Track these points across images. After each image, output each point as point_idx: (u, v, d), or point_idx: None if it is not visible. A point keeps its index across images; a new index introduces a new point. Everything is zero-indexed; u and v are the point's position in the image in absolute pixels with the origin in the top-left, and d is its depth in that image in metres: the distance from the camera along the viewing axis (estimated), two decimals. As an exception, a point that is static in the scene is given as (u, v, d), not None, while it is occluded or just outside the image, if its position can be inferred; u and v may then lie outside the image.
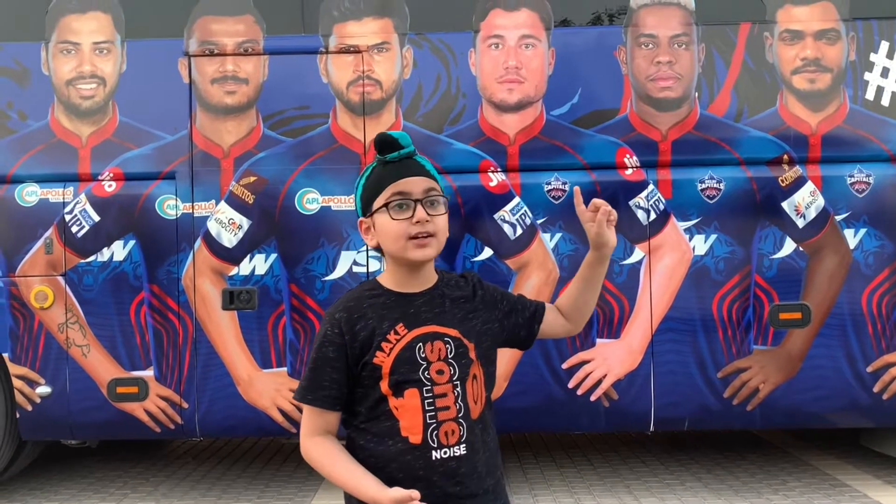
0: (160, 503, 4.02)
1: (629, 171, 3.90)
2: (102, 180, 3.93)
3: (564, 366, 3.91)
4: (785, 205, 3.86)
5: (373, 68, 3.91)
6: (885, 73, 3.89)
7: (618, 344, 3.89)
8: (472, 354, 1.55)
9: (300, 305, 3.87)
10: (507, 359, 3.88)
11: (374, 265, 3.87)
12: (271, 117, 3.90)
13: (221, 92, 3.91)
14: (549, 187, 3.90)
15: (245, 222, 3.89)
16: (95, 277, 3.91)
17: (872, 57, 3.89)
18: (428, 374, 1.50)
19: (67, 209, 3.91)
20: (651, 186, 3.89)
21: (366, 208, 1.56)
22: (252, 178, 3.90)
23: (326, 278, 3.87)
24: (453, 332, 1.54)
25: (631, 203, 3.89)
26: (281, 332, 3.86)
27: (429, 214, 1.52)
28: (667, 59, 3.88)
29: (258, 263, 3.89)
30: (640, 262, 3.89)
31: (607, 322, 3.90)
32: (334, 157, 3.90)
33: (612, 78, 3.91)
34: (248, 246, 3.90)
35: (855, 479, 4.15)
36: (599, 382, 3.89)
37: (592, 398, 3.89)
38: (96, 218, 3.91)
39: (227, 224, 3.89)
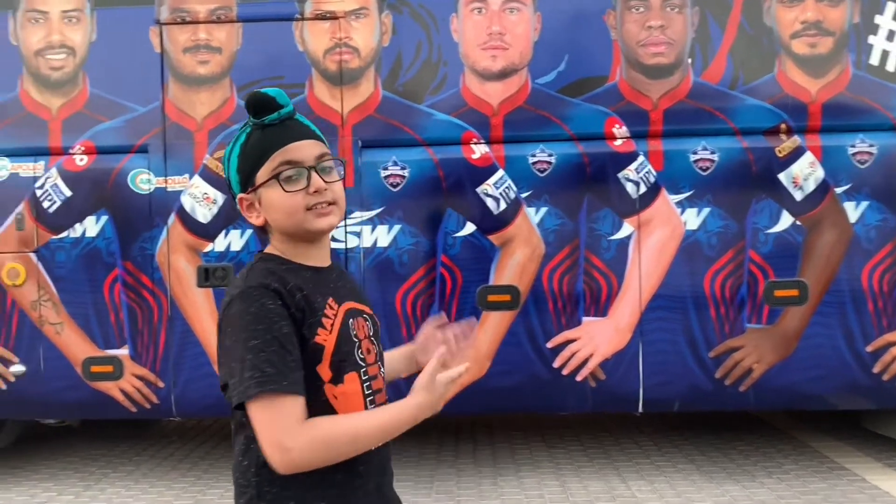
0: (139, 483, 3.96)
1: (618, 142, 3.73)
2: (74, 154, 3.81)
3: (549, 345, 3.77)
4: (782, 176, 3.67)
5: (350, 35, 3.74)
6: (890, 36, 3.67)
7: (605, 322, 3.74)
8: (381, 332, 1.44)
9: (276, 282, 3.74)
10: (490, 337, 3.75)
11: (352, 241, 3.74)
12: (246, 87, 3.76)
13: (194, 62, 3.77)
14: (535, 159, 3.74)
15: (219, 196, 3.77)
16: (68, 254, 3.81)
17: (877, 19, 3.67)
18: (361, 353, 1.34)
19: (38, 184, 3.80)
20: (641, 158, 3.71)
21: (246, 182, 1.34)
22: (226, 151, 3.76)
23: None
24: (367, 309, 1.41)
25: (620, 175, 3.72)
26: (257, 310, 3.74)
27: (326, 181, 1.32)
28: (658, 24, 3.68)
29: (233, 239, 3.77)
30: (628, 237, 3.73)
31: (594, 299, 3.75)
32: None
33: (600, 44, 3.72)
34: (223, 221, 3.78)
35: (854, 462, 4.00)
36: (586, 362, 3.75)
37: (578, 378, 3.75)
38: (68, 193, 3.80)
39: (200, 199, 3.77)
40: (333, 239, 3.68)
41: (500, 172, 3.74)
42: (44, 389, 3.81)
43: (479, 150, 3.75)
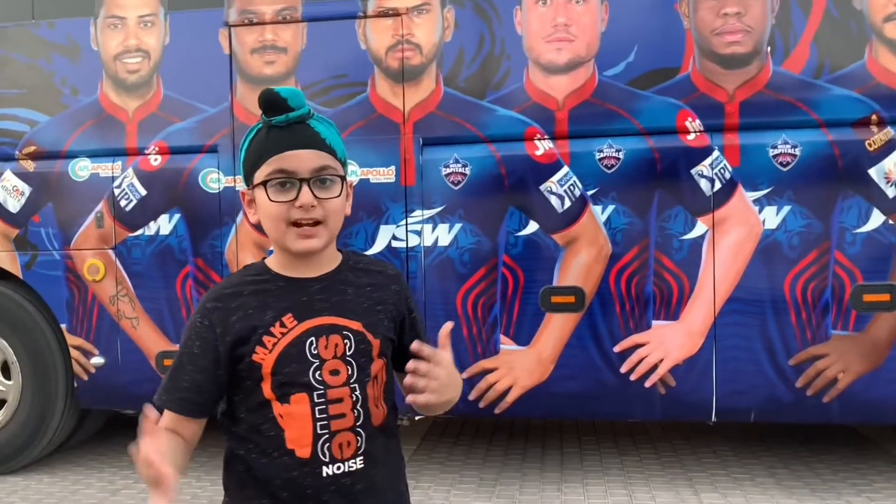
0: (210, 474, 4.06)
1: (691, 136, 3.53)
2: (148, 154, 3.94)
3: (617, 349, 3.62)
4: (873, 172, 3.38)
5: (412, 32, 3.70)
6: None
7: (676, 326, 3.56)
8: (375, 353, 1.33)
9: (339, 281, 3.75)
10: (553, 340, 3.64)
11: (413, 239, 3.70)
12: (309, 87, 3.77)
13: (261, 62, 3.82)
14: (602, 155, 3.59)
15: (284, 195, 3.80)
16: (143, 251, 3.95)
17: None
18: (320, 375, 1.28)
19: (116, 183, 3.95)
20: (716, 153, 3.50)
21: (247, 178, 1.34)
22: (290, 150, 3.79)
23: (366, 253, 3.72)
24: (355, 325, 1.32)
25: (693, 171, 3.53)
26: (320, 308, 3.77)
27: (317, 197, 1.27)
28: (735, 10, 3.46)
29: (297, 237, 3.80)
30: (702, 237, 3.53)
31: (665, 302, 3.57)
32: (373, 127, 3.73)
33: (672, 33, 3.53)
34: (287, 220, 3.81)
35: (957, 483, 3.67)
36: (655, 367, 3.58)
37: (647, 384, 3.59)
38: (143, 192, 3.93)
39: (266, 197, 3.81)
40: (394, 238, 3.67)
41: (565, 169, 3.61)
42: (121, 381, 3.96)
43: (542, 147, 3.64)
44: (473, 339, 3.70)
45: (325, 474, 1.28)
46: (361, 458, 1.30)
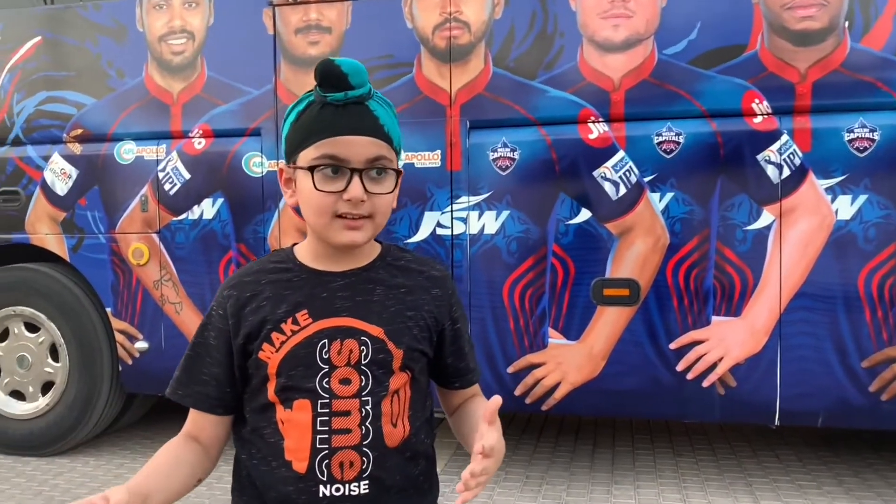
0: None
1: (758, 119, 3.28)
2: (192, 137, 3.88)
3: (673, 346, 3.41)
4: (961, 158, 3.08)
5: (461, 9, 3.53)
6: None
7: (738, 322, 3.33)
8: (396, 364, 1.17)
9: (381, 269, 3.63)
10: (605, 335, 3.45)
11: (458, 227, 3.55)
12: (354, 68, 3.64)
13: (305, 42, 3.71)
14: (660, 139, 3.37)
15: (327, 180, 3.70)
16: (187, 235, 3.90)
17: None
18: (328, 382, 1.14)
19: (161, 167, 3.91)
20: (785, 137, 3.24)
21: (289, 155, 1.19)
22: (334, 134, 3.68)
23: (409, 240, 3.60)
24: (375, 331, 1.16)
25: (759, 157, 3.28)
26: (362, 297, 3.65)
27: (367, 191, 1.13)
28: (809, -19, 3.19)
29: (340, 223, 3.69)
30: (768, 228, 3.28)
31: (726, 297, 3.34)
32: (418, 109, 3.59)
33: (738, 8, 3.28)
34: (330, 205, 3.70)
35: None
36: (714, 366, 3.36)
37: (705, 384, 3.37)
38: (187, 175, 3.88)
39: (309, 182, 3.71)
40: (439, 225, 3.53)
41: (621, 154, 3.41)
42: (164, 366, 3.92)
43: (597, 130, 3.43)
44: (520, 332, 3.53)
45: (321, 494, 1.14)
46: (366, 482, 1.15)
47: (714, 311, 3.36)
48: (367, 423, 1.15)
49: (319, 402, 1.14)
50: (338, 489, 1.14)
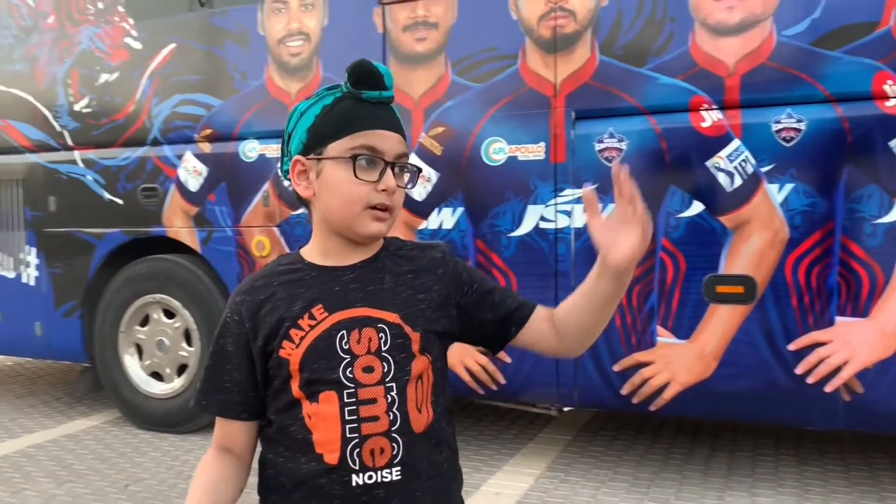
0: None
1: (891, 103, 3.00)
2: (308, 135, 4.03)
3: (792, 347, 3.19)
4: None
5: (566, -2, 3.46)
6: None
7: (865, 324, 3.06)
8: (416, 348, 1.19)
9: (486, 262, 3.63)
10: (718, 334, 3.28)
11: (562, 220, 3.49)
12: (459, 62, 3.66)
13: (412, 39, 3.76)
14: (779, 126, 3.16)
15: (434, 174, 3.74)
16: (304, 229, 4.07)
17: None
18: (351, 372, 1.16)
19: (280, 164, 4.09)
20: (923, 121, 2.95)
21: (312, 146, 1.21)
22: (440, 129, 3.72)
23: (512, 234, 3.58)
24: (391, 317, 1.19)
25: (892, 143, 3.00)
26: (467, 290, 3.67)
27: (397, 185, 1.20)
28: (953, -53, 2.87)
29: (445, 217, 3.73)
30: (902, 221, 3.00)
31: (851, 296, 3.08)
32: (522, 101, 3.55)
33: (869, -20, 3.01)
34: (436, 199, 3.75)
35: None
36: (838, 370, 3.11)
37: (828, 389, 3.13)
38: (303, 172, 4.03)
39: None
40: (543, 218, 3.48)
41: (736, 143, 3.22)
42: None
43: (710, 118, 3.26)
44: (627, 330, 3.42)
45: (354, 483, 1.16)
46: (398, 468, 1.17)
47: (838, 310, 3.11)
48: (393, 409, 1.17)
49: (345, 391, 1.16)
50: (370, 476, 1.15)
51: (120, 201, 4.51)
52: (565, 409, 3.76)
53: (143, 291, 4.50)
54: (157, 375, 4.54)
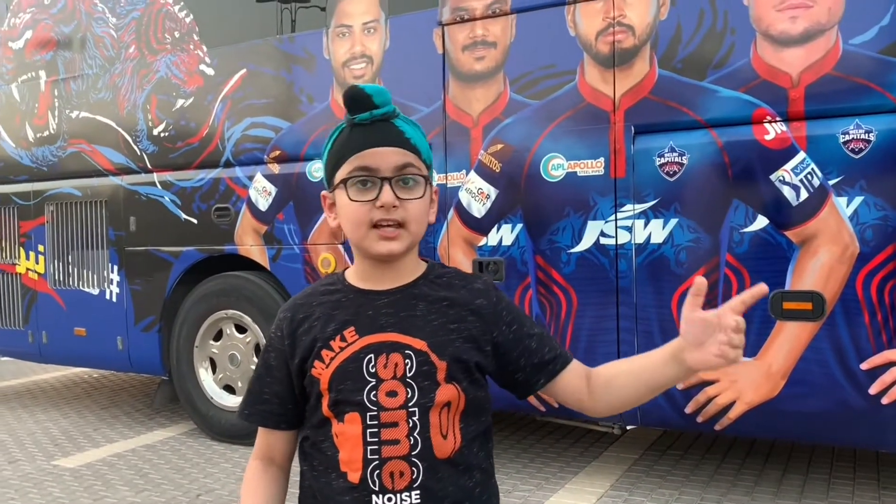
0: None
1: (967, 111, 2.87)
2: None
3: (865, 366, 3.07)
4: None
5: (624, 12, 3.45)
6: None
7: (944, 342, 2.92)
8: (441, 376, 1.20)
9: (545, 278, 3.63)
10: (785, 352, 3.19)
11: (623, 236, 3.46)
12: (518, 80, 3.69)
13: (471, 59, 3.81)
14: (847, 137, 3.06)
15: (493, 191, 3.77)
16: (367, 247, 4.15)
17: None
18: (375, 395, 1.19)
19: (344, 183, 4.19)
20: None
21: (329, 180, 1.28)
22: (499, 146, 3.75)
23: (572, 250, 3.56)
24: (419, 344, 1.21)
25: (970, 153, 2.86)
26: (527, 305, 3.68)
27: (398, 198, 1.20)
28: None
29: (505, 234, 3.74)
30: (983, 234, 2.85)
31: (928, 313, 2.95)
32: (581, 117, 3.55)
33: (942, -16, 2.89)
34: (495, 216, 3.77)
35: None
36: (915, 391, 2.98)
37: (904, 410, 3.00)
38: (367, 190, 4.12)
39: (476, 194, 3.81)
40: (603, 234, 3.46)
41: (801, 155, 3.14)
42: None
43: (773, 130, 3.19)
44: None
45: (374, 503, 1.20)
46: (417, 492, 1.18)
47: (915, 328, 2.98)
48: (414, 434, 1.19)
49: (368, 414, 1.20)
50: (389, 499, 1.17)
51: (195, 221, 4.70)
52: (628, 427, 3.70)
53: (216, 307, 4.67)
54: (229, 388, 4.70)
